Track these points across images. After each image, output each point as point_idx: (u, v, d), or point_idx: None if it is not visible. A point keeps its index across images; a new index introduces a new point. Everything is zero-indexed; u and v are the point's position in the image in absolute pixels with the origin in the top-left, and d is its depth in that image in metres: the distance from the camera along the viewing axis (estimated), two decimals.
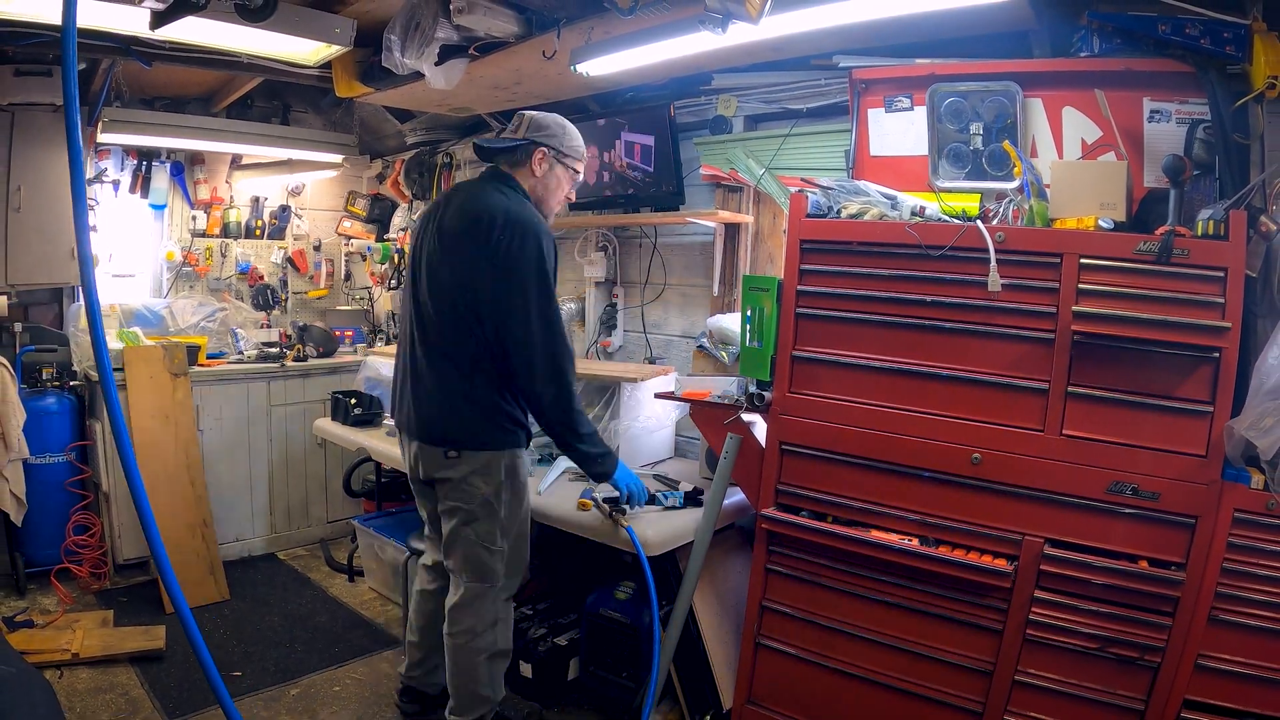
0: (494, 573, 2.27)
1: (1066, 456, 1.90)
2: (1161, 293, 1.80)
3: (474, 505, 2.22)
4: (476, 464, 2.20)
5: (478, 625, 2.28)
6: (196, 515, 3.57)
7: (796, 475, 2.26)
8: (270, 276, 4.67)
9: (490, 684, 2.34)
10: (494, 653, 2.33)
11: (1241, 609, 1.76)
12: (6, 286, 3.62)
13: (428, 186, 4.45)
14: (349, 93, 3.33)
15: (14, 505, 3.28)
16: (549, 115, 2.34)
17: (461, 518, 2.24)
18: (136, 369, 3.57)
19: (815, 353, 2.23)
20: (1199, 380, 1.79)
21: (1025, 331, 1.95)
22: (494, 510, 2.23)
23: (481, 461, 2.20)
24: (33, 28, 2.66)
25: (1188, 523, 1.80)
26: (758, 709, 2.34)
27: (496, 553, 2.26)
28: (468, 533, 2.24)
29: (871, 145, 2.50)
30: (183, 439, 3.63)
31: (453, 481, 2.22)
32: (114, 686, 2.76)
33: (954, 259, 2.01)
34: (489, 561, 2.26)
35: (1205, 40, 1.91)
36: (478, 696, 2.33)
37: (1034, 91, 2.22)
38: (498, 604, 2.31)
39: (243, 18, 2.21)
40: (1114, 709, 1.87)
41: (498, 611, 2.31)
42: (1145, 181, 2.10)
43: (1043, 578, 1.92)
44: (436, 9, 2.57)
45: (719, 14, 1.96)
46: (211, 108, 4.22)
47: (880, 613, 2.13)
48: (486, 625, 2.29)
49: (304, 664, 2.99)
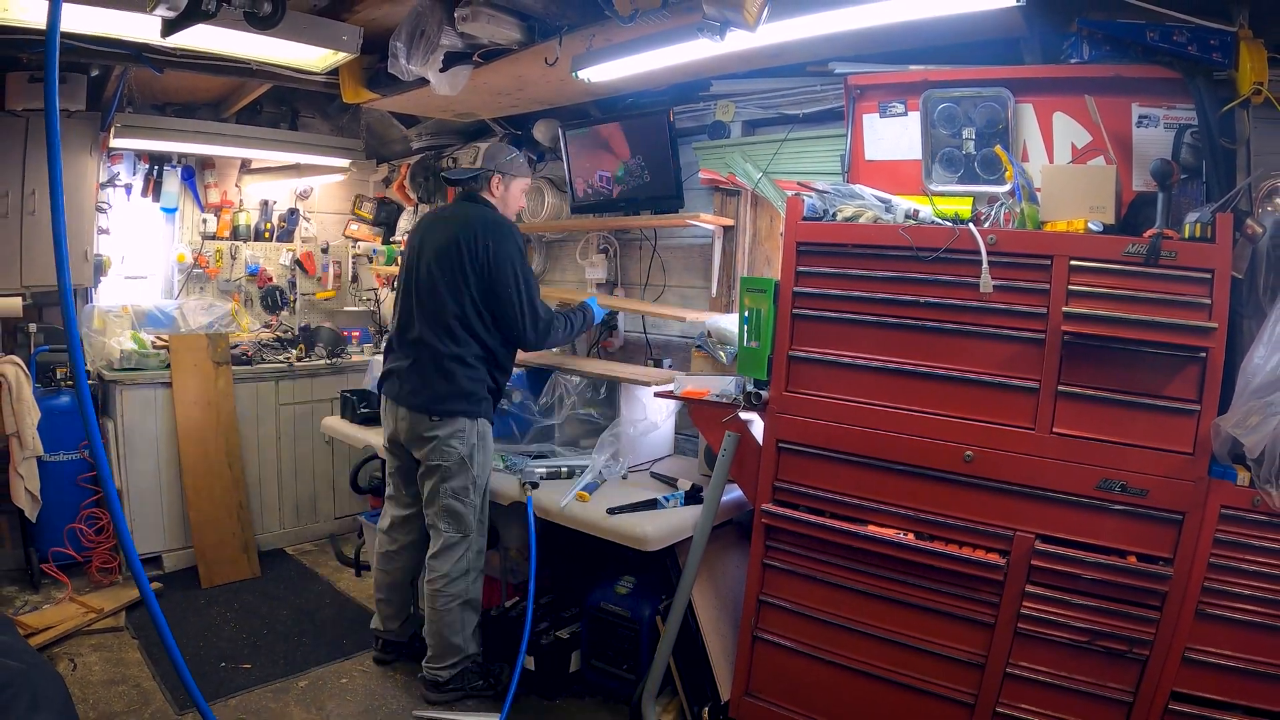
0: (468, 523, 2.62)
1: (1057, 454, 1.90)
2: (1149, 294, 1.81)
3: (450, 463, 2.57)
4: (454, 428, 2.56)
5: (453, 571, 2.61)
6: (234, 498, 3.70)
7: (793, 472, 2.26)
8: (279, 278, 4.68)
9: (462, 633, 2.65)
10: (466, 600, 2.64)
11: (1228, 603, 1.76)
12: (21, 288, 3.63)
13: (433, 190, 4.45)
14: (356, 99, 3.34)
15: (29, 502, 3.29)
16: (495, 145, 3.00)
17: (440, 475, 2.59)
18: (182, 356, 3.65)
19: (811, 353, 2.23)
20: (1186, 379, 1.79)
21: (1016, 332, 1.95)
22: (467, 468, 2.58)
23: (458, 426, 2.57)
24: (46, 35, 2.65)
25: (1175, 519, 1.81)
26: (755, 701, 2.34)
27: (470, 505, 2.61)
28: (446, 488, 2.59)
29: (866, 150, 2.50)
30: (224, 425, 3.72)
31: (435, 442, 2.57)
32: (126, 679, 2.76)
33: (947, 261, 2.01)
34: (464, 513, 2.61)
35: (1192, 47, 1.91)
36: (451, 645, 2.64)
37: (1025, 97, 2.22)
38: (470, 554, 2.64)
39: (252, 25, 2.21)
40: (1103, 701, 1.87)
41: (470, 562, 2.64)
42: (1134, 185, 2.11)
43: (1034, 572, 1.92)
44: (441, 17, 2.57)
45: (717, 22, 1.97)
46: (221, 113, 4.22)
47: (875, 607, 2.13)
48: (461, 572, 2.62)
49: (312, 656, 2.99)
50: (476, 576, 2.67)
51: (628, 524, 2.38)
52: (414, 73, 2.72)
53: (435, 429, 2.57)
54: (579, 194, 3.44)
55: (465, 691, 2.68)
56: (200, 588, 3.53)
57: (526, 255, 2.70)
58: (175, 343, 3.65)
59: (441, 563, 2.61)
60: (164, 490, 3.65)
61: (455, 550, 2.61)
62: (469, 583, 2.64)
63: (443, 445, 2.57)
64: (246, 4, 2.14)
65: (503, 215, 2.72)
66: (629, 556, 2.66)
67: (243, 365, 3.93)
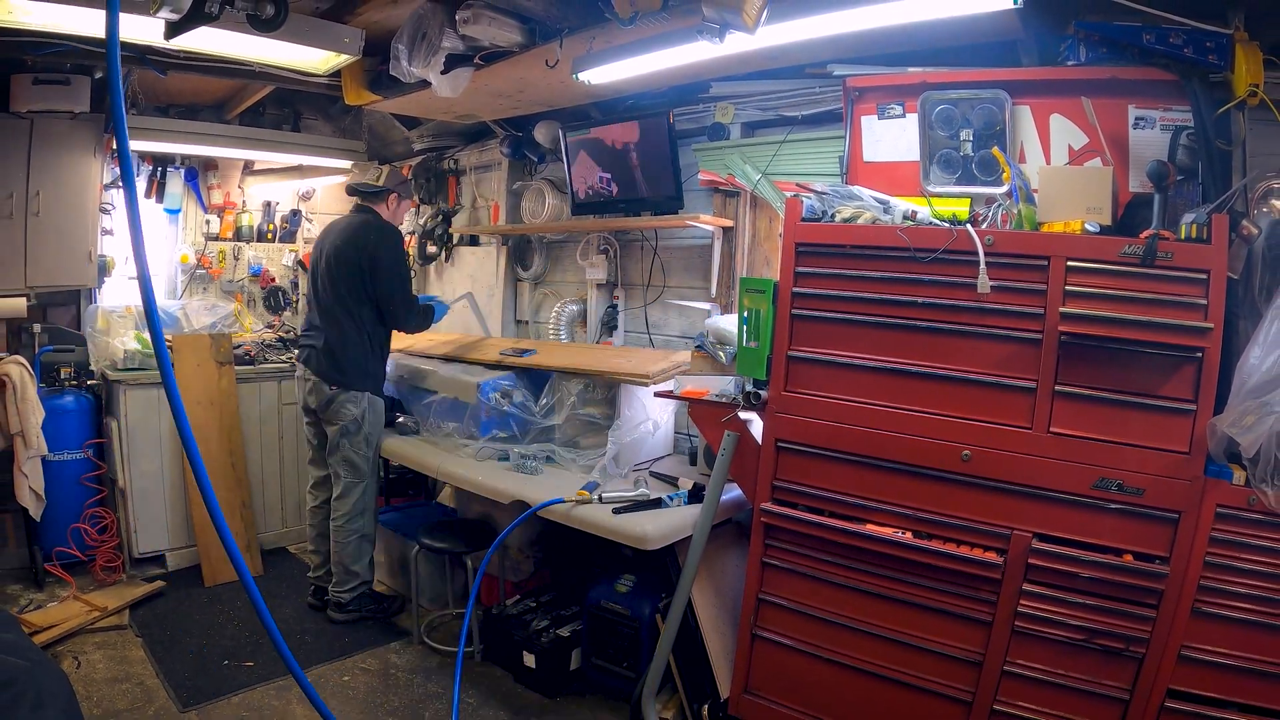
0: (362, 471, 3.18)
1: (1054, 453, 1.90)
2: (1146, 294, 1.81)
3: (347, 422, 3.12)
4: (348, 395, 3.11)
5: (351, 511, 3.16)
6: (237, 497, 3.72)
7: (792, 471, 2.26)
8: (281, 279, 4.68)
9: (360, 561, 3.21)
10: (363, 534, 3.20)
11: (1223, 601, 1.76)
12: (26, 288, 3.63)
13: (434, 191, 4.46)
14: (358, 100, 3.34)
15: (33, 501, 3.29)
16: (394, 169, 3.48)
17: (339, 431, 3.14)
18: (185, 356, 3.65)
19: (810, 353, 2.23)
20: (1182, 379, 1.80)
21: (1014, 332, 1.95)
22: (360, 426, 3.14)
23: (351, 395, 3.11)
24: (50, 38, 2.66)
25: (1171, 517, 1.81)
26: (754, 698, 2.34)
27: (363, 456, 3.18)
28: (344, 443, 3.15)
29: (865, 151, 2.50)
30: (226, 425, 3.72)
31: (334, 405, 3.12)
32: (129, 676, 2.76)
33: (945, 262, 2.01)
34: (359, 462, 3.17)
35: (1188, 49, 1.91)
36: (350, 571, 3.19)
37: (1022, 99, 2.22)
38: (366, 496, 3.21)
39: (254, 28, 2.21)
40: (1100, 698, 1.87)
41: (366, 503, 3.21)
42: (1130, 186, 2.11)
43: (1031, 571, 1.92)
44: (443, 19, 2.57)
45: (716, 24, 1.97)
46: (224, 115, 4.22)
47: (874, 605, 2.13)
48: (357, 512, 3.17)
49: (314, 655, 2.99)
50: (372, 515, 3.25)
51: (628, 523, 2.38)
52: (415, 75, 2.72)
53: (334, 395, 3.10)
54: (579, 195, 3.44)
55: (362, 613, 3.22)
56: (203, 586, 3.53)
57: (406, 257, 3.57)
58: (178, 343, 3.66)
59: (342, 504, 3.16)
60: (167, 489, 3.65)
61: (353, 493, 3.16)
62: (365, 520, 3.20)
63: (340, 408, 3.11)
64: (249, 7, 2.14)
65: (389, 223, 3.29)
66: (629, 555, 2.67)
67: (245, 365, 3.93)
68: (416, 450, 3.23)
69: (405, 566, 3.36)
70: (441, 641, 3.10)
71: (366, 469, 3.20)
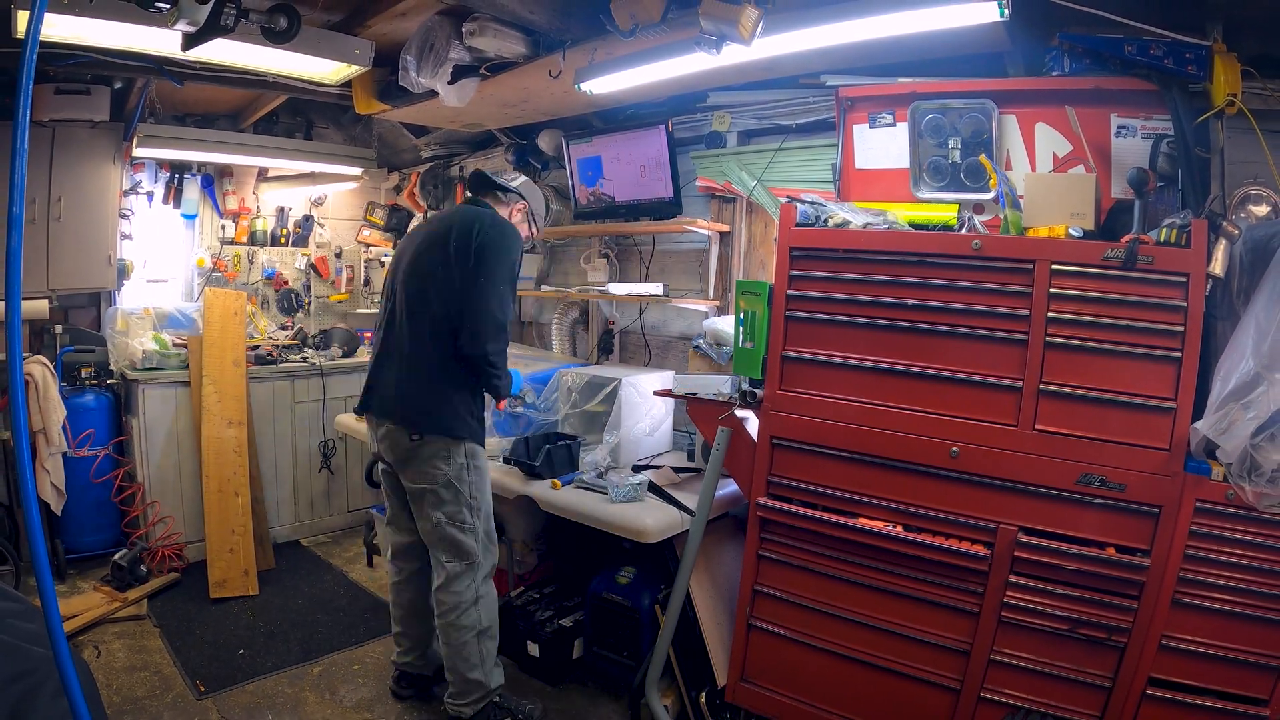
0: (469, 551, 2.33)
1: (1039, 450, 1.90)
2: (1127, 297, 1.81)
3: (438, 486, 2.28)
4: (437, 447, 2.27)
5: (460, 603, 2.32)
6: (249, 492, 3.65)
7: (787, 467, 2.26)
8: (294, 281, 4.68)
9: (481, 667, 2.35)
10: (480, 630, 2.35)
11: (1202, 592, 1.76)
12: (48, 291, 3.63)
13: (441, 198, 4.46)
14: (368, 110, 3.34)
15: (54, 496, 3.29)
16: (535, 187, 2.63)
17: (430, 501, 2.30)
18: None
19: (804, 353, 2.22)
20: (1163, 378, 1.79)
21: (1000, 333, 1.94)
22: (458, 491, 2.29)
23: (442, 445, 2.28)
24: (71, 49, 2.66)
25: (1152, 512, 1.80)
26: (750, 686, 2.34)
27: (469, 530, 2.32)
28: (438, 516, 2.30)
29: (857, 159, 2.50)
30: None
31: (415, 462, 2.29)
32: (148, 665, 2.76)
33: (934, 265, 2.01)
34: (463, 540, 2.32)
35: (1169, 60, 1.91)
36: (470, 681, 2.35)
37: (1009, 108, 2.22)
38: (477, 582, 2.35)
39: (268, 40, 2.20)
40: (1083, 686, 1.87)
41: (478, 589, 2.35)
42: (1113, 192, 2.11)
43: (1017, 563, 1.92)
44: (449, 31, 2.57)
45: (713, 36, 1.97)
46: (239, 124, 4.22)
47: (865, 596, 2.13)
48: (468, 603, 2.32)
49: (326, 644, 2.99)
50: (492, 602, 2.38)
51: (629, 517, 2.38)
52: (423, 85, 2.72)
53: (417, 449, 2.27)
54: (581, 201, 3.44)
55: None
56: None
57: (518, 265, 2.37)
58: (195, 343, 3.66)
59: (448, 595, 2.32)
60: (183, 484, 3.65)
61: (461, 580, 2.31)
62: (481, 611, 2.34)
63: (425, 466, 2.27)
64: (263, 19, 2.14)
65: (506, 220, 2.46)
66: (629, 548, 2.67)
67: (259, 365, 3.93)
68: None
69: None
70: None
71: (477, 547, 2.33)
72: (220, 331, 3.70)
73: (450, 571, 2.32)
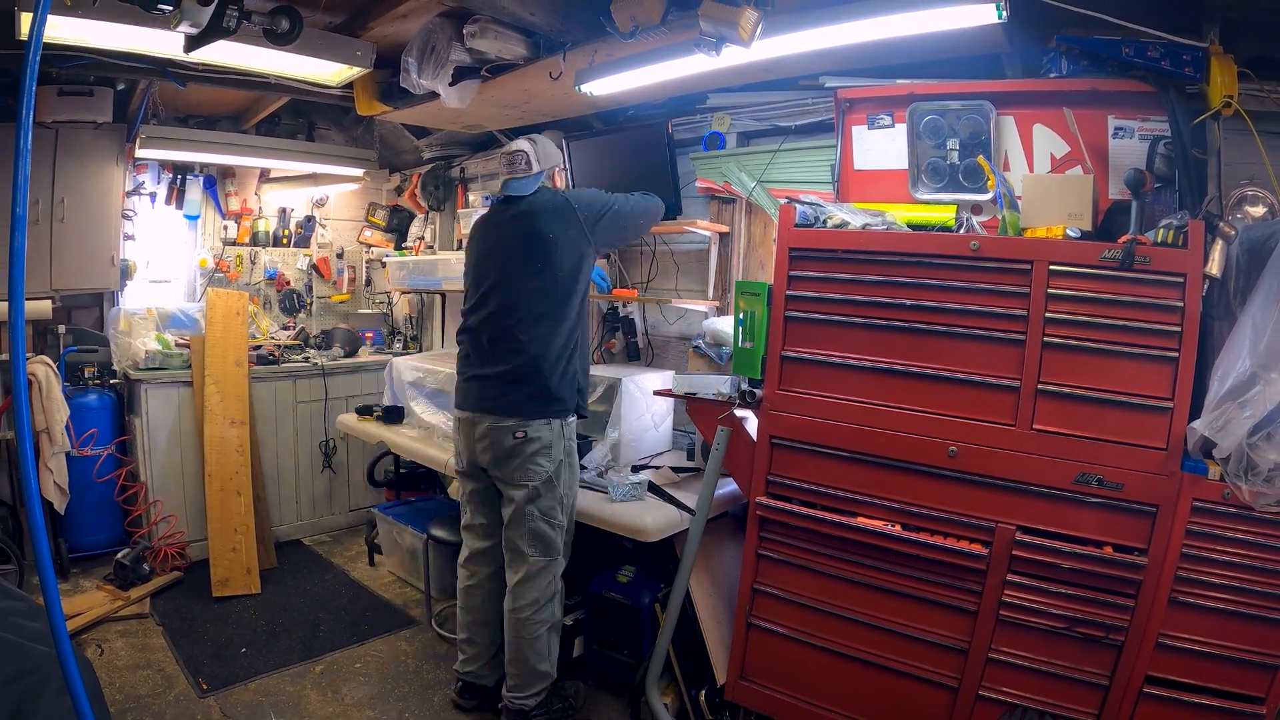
0: (556, 546, 2.38)
1: (1037, 449, 1.90)
2: (1125, 297, 1.81)
3: (538, 482, 2.32)
4: (540, 444, 2.31)
5: (541, 598, 2.36)
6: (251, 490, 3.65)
7: (786, 467, 2.26)
8: (296, 282, 4.68)
9: (549, 658, 2.41)
10: (553, 624, 2.41)
11: (1199, 591, 1.76)
12: (51, 291, 3.63)
13: (443, 199, 4.46)
14: (369, 111, 3.34)
15: (57, 495, 3.29)
16: (541, 141, 2.50)
17: (526, 494, 2.33)
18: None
19: (803, 353, 2.22)
20: (1160, 378, 1.79)
21: (998, 333, 1.94)
22: (554, 486, 2.34)
23: (544, 441, 2.31)
24: (74, 50, 2.66)
25: (1149, 511, 1.80)
26: (749, 684, 2.34)
27: (558, 526, 2.37)
28: (532, 509, 2.33)
29: (855, 160, 2.50)
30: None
31: (518, 459, 2.31)
32: (150, 664, 2.76)
33: (932, 265, 2.01)
34: (552, 535, 2.36)
35: (1166, 62, 1.91)
36: (537, 672, 2.39)
37: (1006, 110, 2.22)
38: (557, 576, 2.40)
39: (270, 42, 2.21)
40: (1081, 684, 1.87)
41: (557, 584, 2.41)
42: (1110, 193, 2.11)
43: (1014, 562, 1.92)
44: (451, 33, 2.57)
45: (713, 38, 1.97)
46: (241, 125, 4.22)
47: (864, 595, 2.13)
48: (548, 598, 2.38)
49: (328, 642, 2.99)
50: (562, 596, 2.44)
51: (629, 516, 2.38)
52: (425, 86, 2.72)
53: (520, 440, 2.30)
54: None
55: (550, 716, 2.44)
56: None
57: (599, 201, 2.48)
58: (197, 343, 3.66)
59: (528, 590, 2.35)
60: (185, 483, 3.65)
61: (543, 576, 2.35)
62: (556, 606, 2.41)
63: (528, 462, 2.31)
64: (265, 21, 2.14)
65: None
66: (629, 547, 2.67)
67: (261, 365, 3.93)
68: (424, 445, 3.22)
69: (417, 558, 3.36)
70: (452, 630, 3.09)
71: (560, 541, 2.38)
72: (223, 332, 3.70)
73: (532, 567, 2.35)
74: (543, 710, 2.42)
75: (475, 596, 2.54)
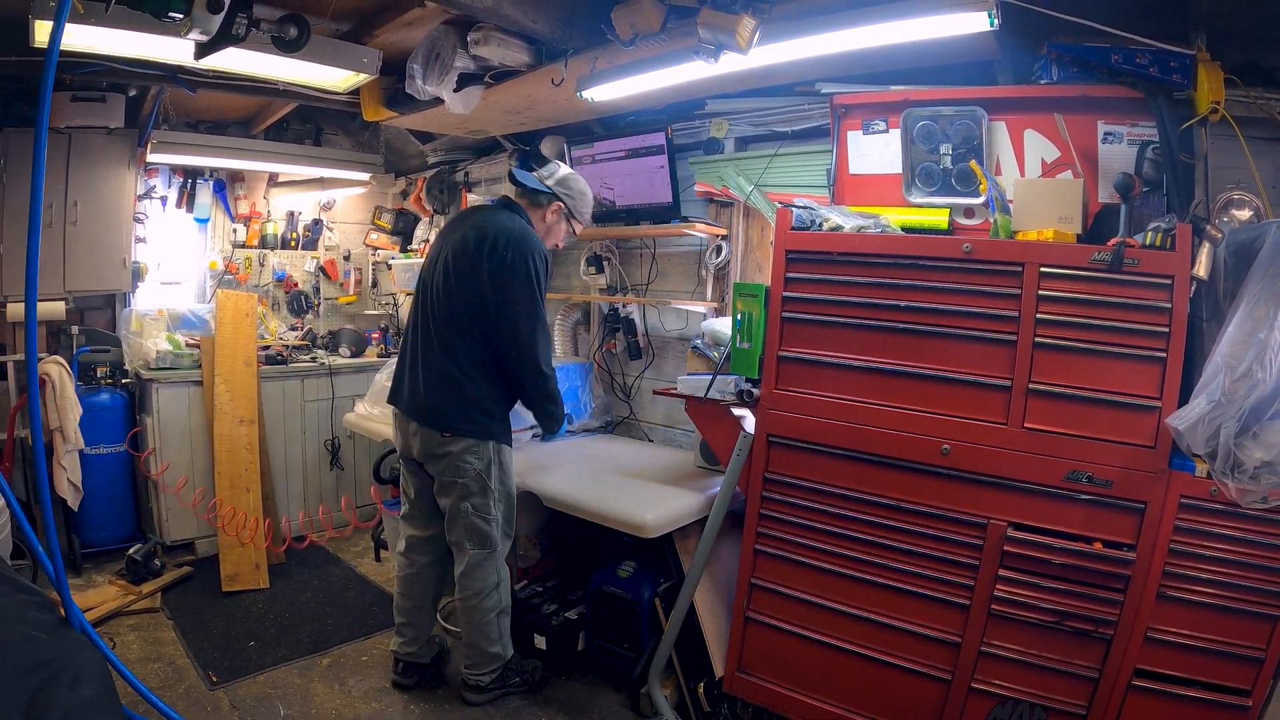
0: (492, 539, 2.43)
1: (1028, 447, 1.90)
2: (1114, 298, 1.81)
3: (468, 480, 2.36)
4: (468, 444, 2.35)
5: (484, 587, 2.44)
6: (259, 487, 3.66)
7: (783, 465, 2.26)
8: (304, 284, 4.68)
9: (500, 640, 2.51)
10: (500, 610, 2.49)
11: (1187, 586, 1.76)
12: (64, 293, 3.63)
13: (447, 202, 4.46)
14: (375, 117, 3.34)
15: (71, 492, 3.29)
16: (577, 179, 2.56)
17: (459, 493, 2.38)
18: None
19: (799, 353, 2.23)
20: (1148, 378, 1.79)
21: (990, 333, 1.95)
22: (486, 484, 2.38)
23: (472, 442, 2.35)
24: (87, 58, 2.66)
25: (1138, 507, 1.81)
26: (747, 677, 2.34)
27: (492, 521, 2.42)
28: (466, 506, 2.39)
29: (851, 164, 2.50)
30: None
31: (446, 460, 2.35)
32: (161, 656, 2.76)
33: (926, 267, 2.01)
34: (487, 530, 2.42)
35: (1154, 69, 1.91)
36: (488, 654, 2.50)
37: (998, 115, 2.22)
38: (498, 566, 2.47)
39: (279, 49, 2.21)
40: (1071, 677, 1.87)
41: (499, 572, 2.47)
42: (1099, 197, 2.11)
43: (1006, 558, 1.92)
44: (455, 41, 2.58)
45: (711, 45, 1.97)
46: (250, 130, 4.22)
47: (859, 589, 2.13)
48: (491, 586, 2.45)
49: (335, 635, 2.99)
50: (506, 583, 2.49)
51: (629, 512, 2.38)
52: (430, 93, 2.72)
53: (447, 445, 2.33)
54: None
55: (505, 689, 2.54)
56: None
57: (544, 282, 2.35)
58: (207, 344, 3.66)
59: (472, 580, 2.41)
60: (196, 480, 3.65)
61: (484, 567, 2.42)
62: (501, 592, 2.47)
63: (455, 462, 2.33)
64: (274, 29, 2.14)
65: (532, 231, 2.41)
66: (629, 542, 2.66)
67: (270, 365, 3.93)
68: None
69: None
70: (456, 624, 3.09)
71: (497, 534, 2.42)
72: (232, 332, 3.70)
73: (473, 559, 2.42)
74: (499, 685, 2.54)
75: (414, 584, 2.60)
